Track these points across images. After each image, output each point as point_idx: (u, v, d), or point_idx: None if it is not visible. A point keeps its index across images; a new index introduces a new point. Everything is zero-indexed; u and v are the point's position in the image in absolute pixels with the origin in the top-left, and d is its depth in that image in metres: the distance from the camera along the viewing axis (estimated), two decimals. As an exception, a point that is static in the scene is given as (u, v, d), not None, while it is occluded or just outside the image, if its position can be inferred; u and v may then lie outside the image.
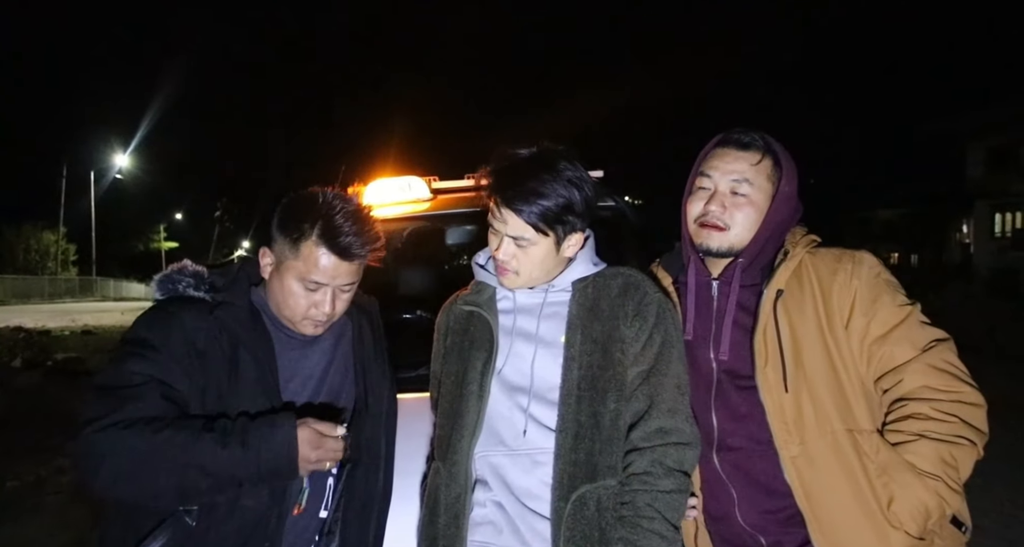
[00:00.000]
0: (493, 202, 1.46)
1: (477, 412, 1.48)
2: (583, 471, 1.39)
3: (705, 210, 1.57)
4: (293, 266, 1.43)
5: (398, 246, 3.33)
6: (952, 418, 1.39)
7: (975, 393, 1.43)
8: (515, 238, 1.45)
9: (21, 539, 3.79)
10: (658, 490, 1.40)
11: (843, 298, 1.48)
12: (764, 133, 1.59)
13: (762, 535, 1.50)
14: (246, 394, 1.39)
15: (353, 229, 1.42)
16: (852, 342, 1.47)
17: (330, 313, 1.47)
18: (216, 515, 1.35)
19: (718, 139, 1.61)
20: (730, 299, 1.55)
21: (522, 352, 1.50)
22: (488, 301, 1.56)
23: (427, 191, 3.02)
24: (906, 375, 1.43)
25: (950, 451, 1.38)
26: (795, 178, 1.57)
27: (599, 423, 1.41)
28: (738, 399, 1.52)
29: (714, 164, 1.58)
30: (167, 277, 1.47)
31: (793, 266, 1.52)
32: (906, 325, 1.45)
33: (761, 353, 1.49)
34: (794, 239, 1.56)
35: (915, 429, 1.40)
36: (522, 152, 1.47)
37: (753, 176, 1.54)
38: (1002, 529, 3.95)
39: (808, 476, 1.43)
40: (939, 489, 1.36)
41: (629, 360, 1.46)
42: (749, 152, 1.56)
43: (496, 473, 1.47)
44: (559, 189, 1.42)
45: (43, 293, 35.51)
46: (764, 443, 1.47)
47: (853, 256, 1.52)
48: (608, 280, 1.53)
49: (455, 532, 1.46)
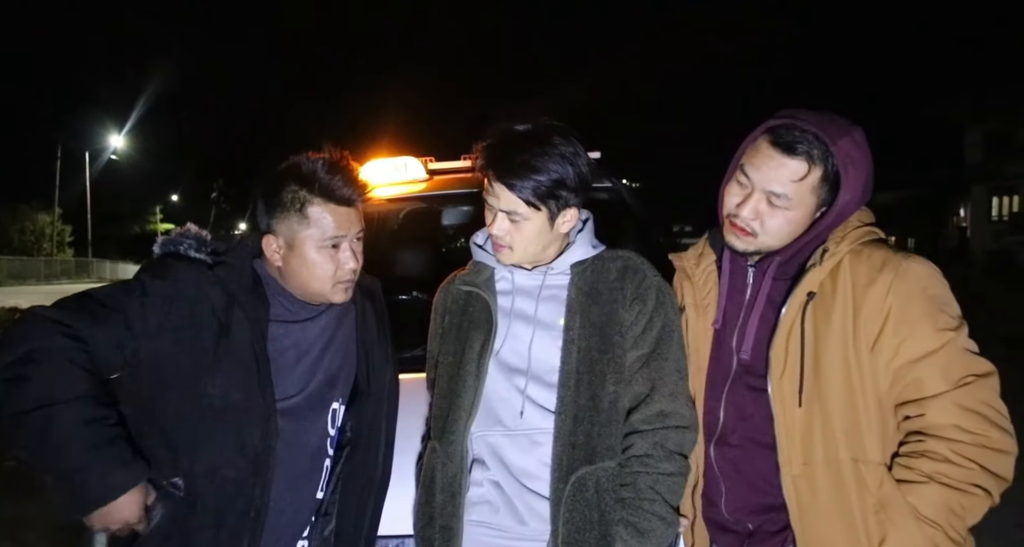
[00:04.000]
0: (486, 177, 1.46)
1: (475, 392, 1.48)
2: (582, 453, 1.40)
3: (737, 211, 1.42)
4: (308, 235, 1.44)
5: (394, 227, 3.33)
6: (971, 464, 1.26)
7: (1005, 438, 1.28)
8: (508, 213, 1.44)
9: (20, 518, 3.80)
10: (659, 472, 1.40)
11: (874, 315, 1.32)
12: (824, 127, 1.34)
13: (748, 522, 1.50)
14: (236, 357, 1.38)
15: (342, 178, 1.46)
16: (877, 363, 1.32)
17: (355, 267, 1.50)
18: (198, 486, 1.35)
19: (765, 128, 1.40)
20: (761, 293, 1.46)
21: (520, 334, 1.49)
22: (486, 282, 1.56)
23: (423, 172, 3.01)
24: (931, 410, 1.29)
25: (959, 500, 1.26)
26: (864, 177, 1.37)
27: (598, 406, 1.41)
28: (747, 399, 1.46)
29: (755, 163, 1.39)
30: (170, 239, 1.49)
31: (830, 267, 1.36)
32: (943, 353, 1.29)
33: (779, 360, 1.39)
34: (842, 233, 1.39)
35: (926, 469, 1.28)
36: (517, 128, 1.46)
37: (794, 191, 1.36)
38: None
39: (806, 498, 1.36)
40: (936, 538, 1.26)
41: (628, 343, 1.46)
42: (795, 160, 1.35)
43: (494, 453, 1.47)
44: (551, 164, 1.41)
45: (39, 275, 35.37)
46: (763, 446, 1.42)
47: (898, 266, 1.33)
48: (607, 263, 1.52)
49: (452, 511, 1.46)
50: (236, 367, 1.38)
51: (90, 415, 1.24)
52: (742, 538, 1.51)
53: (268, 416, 1.39)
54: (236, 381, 1.37)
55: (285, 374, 1.46)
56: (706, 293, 1.58)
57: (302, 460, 1.49)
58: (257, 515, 1.39)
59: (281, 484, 1.43)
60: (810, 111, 1.39)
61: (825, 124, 1.35)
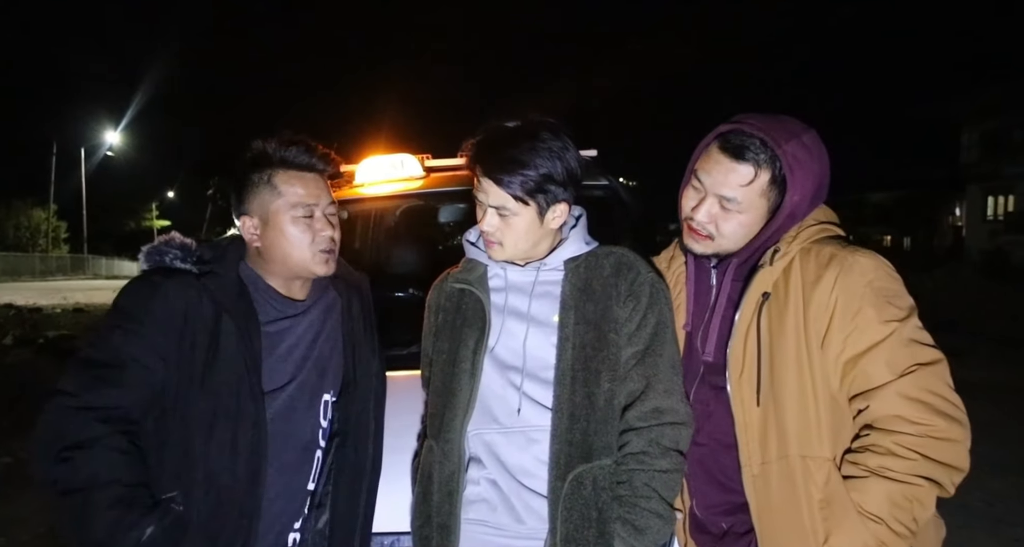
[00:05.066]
0: (475, 173, 1.46)
1: (470, 390, 1.48)
2: (579, 451, 1.40)
3: (692, 214, 1.46)
4: (279, 206, 1.48)
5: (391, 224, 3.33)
6: (913, 455, 1.26)
7: (952, 427, 1.27)
8: (497, 208, 1.44)
9: (13, 517, 3.80)
10: (655, 470, 1.41)
11: (821, 311, 1.34)
12: (772, 131, 1.37)
13: (722, 522, 1.51)
14: (226, 367, 1.40)
15: (301, 149, 1.50)
16: (827, 358, 1.34)
17: (332, 235, 1.53)
18: (195, 497, 1.37)
19: (715, 134, 1.44)
20: (721, 294, 1.49)
21: (514, 330, 1.49)
22: (479, 279, 1.56)
23: (420, 169, 3.00)
24: (874, 401, 1.30)
25: (903, 492, 1.26)
26: (813, 179, 1.40)
27: (593, 403, 1.42)
28: (711, 398, 1.49)
29: (706, 168, 1.44)
30: (155, 249, 1.49)
31: (782, 266, 1.39)
32: (887, 344, 1.30)
33: (737, 362, 1.42)
34: (795, 232, 1.42)
35: (870, 464, 1.29)
36: (506, 124, 1.47)
37: (743, 195, 1.40)
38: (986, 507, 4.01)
39: (763, 496, 1.39)
40: (880, 533, 1.26)
41: (623, 340, 1.46)
42: (742, 165, 1.39)
43: (490, 451, 1.47)
44: (539, 158, 1.41)
45: (34, 271, 35.29)
46: (726, 445, 1.45)
47: (843, 261, 1.34)
48: (600, 259, 1.52)
49: (449, 510, 1.46)
50: (227, 375, 1.39)
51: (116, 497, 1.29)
52: (716, 539, 1.52)
53: (259, 422, 1.41)
54: (227, 389, 1.39)
55: (276, 367, 1.48)
56: (676, 294, 1.60)
57: (294, 451, 1.50)
58: (250, 521, 1.41)
59: (272, 475, 1.44)
60: (760, 115, 1.42)
61: (773, 128, 1.38)
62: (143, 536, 1.28)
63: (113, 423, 1.32)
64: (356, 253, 3.16)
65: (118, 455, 1.31)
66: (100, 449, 1.29)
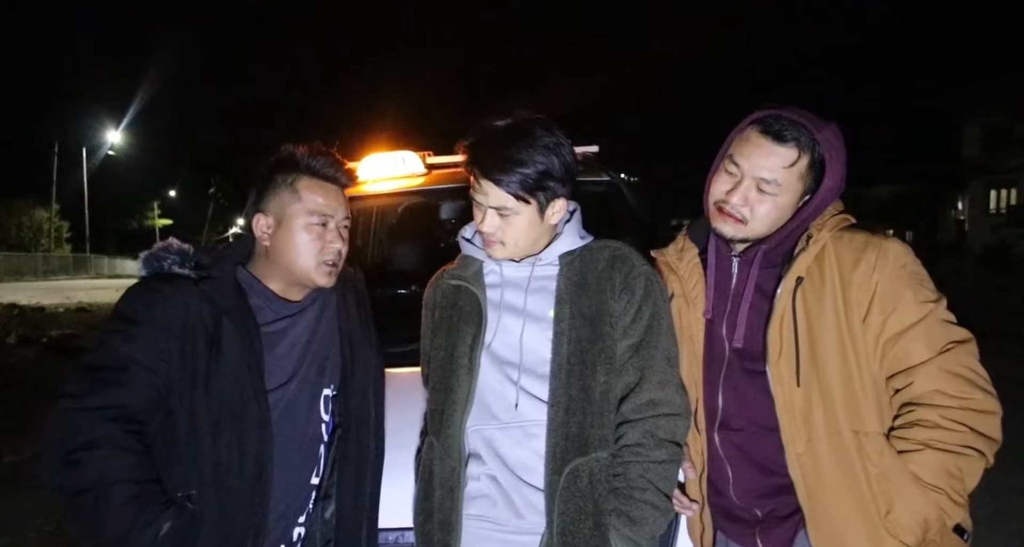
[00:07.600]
0: (472, 175, 1.46)
1: (468, 386, 1.48)
2: (575, 444, 1.40)
3: (726, 198, 1.48)
4: (297, 210, 1.51)
5: (392, 221, 3.33)
6: (961, 427, 1.32)
7: (988, 399, 1.35)
8: (497, 209, 1.44)
9: (18, 514, 3.81)
10: (650, 461, 1.41)
11: (863, 292, 1.39)
12: (808, 118, 1.43)
13: (756, 508, 1.51)
14: (228, 369, 1.41)
15: (327, 160, 1.56)
16: (868, 338, 1.39)
17: (341, 249, 1.56)
18: (207, 497, 1.38)
19: (754, 119, 1.47)
20: (749, 282, 1.50)
21: (510, 326, 1.50)
22: (475, 275, 1.56)
23: (422, 166, 3.00)
24: (917, 378, 1.36)
25: (956, 462, 1.32)
26: (842, 166, 1.45)
27: (589, 396, 1.42)
28: (746, 383, 1.50)
29: (745, 152, 1.46)
30: (153, 255, 1.50)
31: (815, 252, 1.44)
32: (925, 323, 1.36)
33: (775, 344, 1.44)
34: (821, 221, 1.47)
35: (921, 438, 1.34)
36: (498, 123, 1.47)
37: (784, 177, 1.43)
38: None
39: (811, 475, 1.40)
40: (941, 502, 1.32)
41: (618, 333, 1.46)
42: (785, 148, 1.42)
43: (489, 446, 1.48)
44: (536, 156, 1.42)
45: (37, 270, 35.36)
46: (767, 428, 1.45)
47: (879, 246, 1.41)
48: (595, 253, 1.52)
49: (451, 506, 1.47)
50: (230, 378, 1.41)
51: (130, 494, 1.31)
52: (752, 525, 1.52)
53: (264, 423, 1.43)
54: (231, 391, 1.41)
55: (276, 366, 1.50)
56: (693, 285, 1.61)
57: (298, 447, 1.52)
58: (260, 519, 1.42)
59: (278, 472, 1.45)
60: (790, 107, 1.47)
61: (807, 115, 1.44)
62: (160, 532, 1.30)
63: (120, 422, 1.33)
64: (358, 250, 3.17)
65: (128, 453, 1.33)
66: (109, 448, 1.31)
